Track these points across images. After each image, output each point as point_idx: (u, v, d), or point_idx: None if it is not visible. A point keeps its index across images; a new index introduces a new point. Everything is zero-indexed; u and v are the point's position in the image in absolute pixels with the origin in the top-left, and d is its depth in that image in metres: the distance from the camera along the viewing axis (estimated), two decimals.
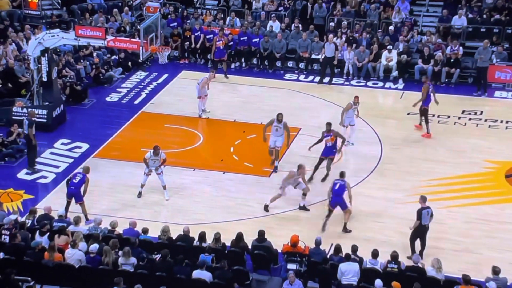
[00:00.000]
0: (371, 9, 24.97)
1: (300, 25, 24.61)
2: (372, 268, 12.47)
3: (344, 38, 23.75)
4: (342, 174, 15.03)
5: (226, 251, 13.04)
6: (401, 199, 15.99)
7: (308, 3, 25.54)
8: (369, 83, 22.87)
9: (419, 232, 13.78)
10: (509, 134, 19.14)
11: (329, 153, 16.45)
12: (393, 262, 12.53)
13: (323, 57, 22.59)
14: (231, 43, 23.93)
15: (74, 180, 15.02)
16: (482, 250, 14.15)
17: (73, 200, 14.91)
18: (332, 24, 24.64)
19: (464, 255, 13.98)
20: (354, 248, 12.89)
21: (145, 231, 13.59)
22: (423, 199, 13.90)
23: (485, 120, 20.07)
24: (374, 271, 12.39)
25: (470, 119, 20.19)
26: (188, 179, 16.96)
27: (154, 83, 22.63)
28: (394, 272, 12.37)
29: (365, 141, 18.71)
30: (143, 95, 21.71)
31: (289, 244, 13.21)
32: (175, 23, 25.12)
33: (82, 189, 15.00)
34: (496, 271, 12.19)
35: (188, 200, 16.06)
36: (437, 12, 25.34)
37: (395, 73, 22.94)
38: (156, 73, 23.45)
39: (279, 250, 13.33)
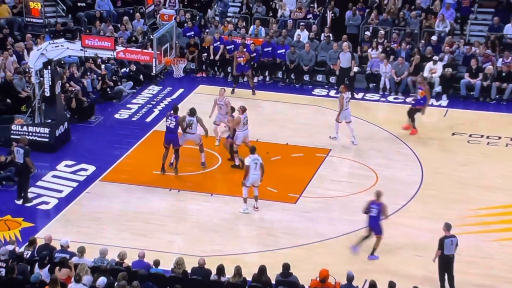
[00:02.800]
0: (411, 17, 25.09)
1: (330, 35, 24.79)
2: None
3: (380, 49, 23.87)
4: (378, 195, 15.05)
5: (247, 287, 13.07)
6: None
7: (331, 11, 25.58)
8: (409, 99, 22.87)
9: (444, 264, 13.82)
10: None
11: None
12: None
13: (338, 69, 22.75)
14: (254, 54, 24.16)
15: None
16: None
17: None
18: (367, 33, 24.79)
19: None
20: (392, 285, 12.84)
21: (156, 263, 13.70)
22: (447, 226, 13.98)
23: None
24: None
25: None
26: (205, 205, 17.10)
27: (168, 99, 22.91)
28: None
29: (404, 165, 18.72)
30: (156, 112, 21.97)
31: (318, 279, 13.21)
32: (192, 32, 25.47)
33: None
34: None
35: (205, 229, 16.18)
36: (487, 19, 25.38)
37: (438, 88, 22.96)
38: (171, 88, 23.75)
39: (307, 286, 13.33)
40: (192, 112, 18.62)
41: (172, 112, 18.23)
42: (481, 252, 15.19)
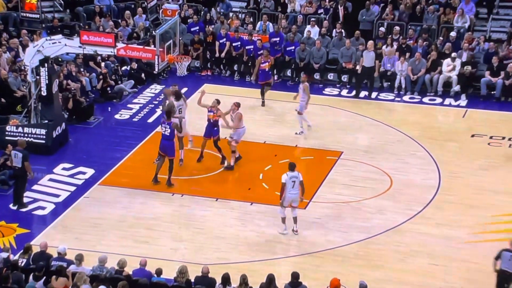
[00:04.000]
0: (429, 12, 25.11)
1: (343, 31, 24.83)
2: None
3: (395, 46, 23.90)
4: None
5: None
6: (463, 238, 15.97)
7: (343, 6, 25.62)
8: (425, 99, 22.92)
9: (500, 278, 13.69)
10: None
11: None
12: None
13: (360, 67, 22.84)
14: (262, 51, 24.22)
15: None
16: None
17: None
18: (382, 29, 24.82)
19: None
20: None
21: (158, 272, 13.76)
22: None
23: None
24: None
25: None
26: (210, 211, 17.17)
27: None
28: None
29: (420, 168, 18.74)
30: (158, 112, 22.03)
31: None
32: (197, 28, 25.56)
33: None
34: None
35: (210, 236, 16.24)
36: (509, 14, 25.34)
37: (456, 88, 22.98)
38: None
39: None
40: (178, 96, 18.73)
41: (165, 117, 18.10)
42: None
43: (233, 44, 24.67)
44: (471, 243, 15.68)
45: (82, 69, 23.07)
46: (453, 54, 23.02)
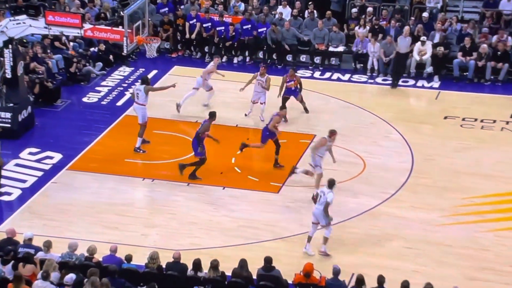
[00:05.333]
0: None
1: (315, 11, 24.77)
2: None
3: (368, 27, 23.90)
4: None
5: (226, 282, 13.10)
6: (437, 220, 16.05)
7: None
8: (398, 81, 23.02)
9: None
10: None
11: None
12: None
13: (394, 53, 22.53)
14: (234, 33, 24.11)
15: None
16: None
17: None
18: (354, 10, 24.79)
19: None
20: (381, 280, 12.93)
21: (128, 258, 13.66)
22: None
23: None
24: None
25: None
26: (181, 196, 17.08)
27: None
28: None
29: (393, 151, 18.81)
30: (127, 95, 21.86)
31: (302, 273, 13.28)
32: (166, 9, 25.32)
33: None
34: None
35: (182, 221, 16.16)
36: None
37: (429, 69, 23.06)
38: (144, 69, 23.62)
39: (290, 281, 13.39)
40: (143, 81, 18.61)
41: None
42: (475, 244, 15.31)
43: (204, 25, 24.48)
44: (445, 226, 15.82)
45: (48, 51, 22.73)
46: (422, 38, 23.02)
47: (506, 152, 18.82)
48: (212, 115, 17.75)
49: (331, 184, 14.92)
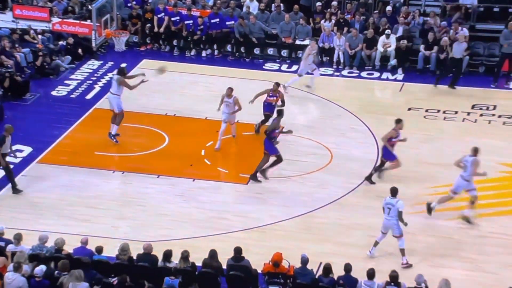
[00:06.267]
0: None
1: (282, 5, 24.72)
2: None
3: (333, 21, 23.92)
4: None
5: (196, 273, 13.05)
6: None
7: None
8: (364, 74, 23.05)
9: None
10: None
11: None
12: (392, 284, 12.65)
13: (449, 57, 21.97)
14: (201, 26, 23.97)
15: None
16: (499, 269, 14.30)
17: None
18: (319, 4, 24.80)
19: (478, 275, 14.13)
20: (348, 268, 12.99)
21: (99, 249, 13.56)
22: None
23: (499, 116, 20.33)
24: None
25: (481, 115, 20.46)
26: (151, 188, 16.95)
27: (110, 74, 22.49)
28: None
29: (359, 142, 18.86)
30: (97, 88, 21.65)
31: (271, 263, 13.27)
32: (134, 2, 25.06)
33: None
34: None
35: (152, 213, 16.06)
36: None
37: (393, 62, 23.17)
38: (112, 63, 23.36)
39: (259, 271, 13.37)
40: (119, 71, 18.39)
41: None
42: (439, 232, 15.44)
43: (172, 19, 24.30)
44: (410, 214, 15.84)
45: (17, 45, 22.38)
46: (387, 32, 23.13)
47: (468, 142, 18.83)
48: (280, 112, 17.24)
49: (395, 192, 14.37)
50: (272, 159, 17.00)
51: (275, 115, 17.69)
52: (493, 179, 17.10)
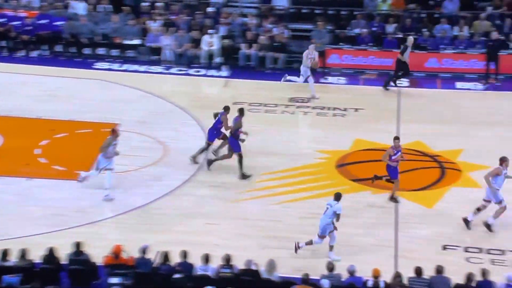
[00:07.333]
0: None
1: (109, 6, 24.22)
2: (203, 275, 12.66)
3: (160, 21, 23.78)
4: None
5: (36, 269, 12.50)
6: (234, 197, 16.32)
7: None
8: (191, 71, 23.12)
9: None
10: (337, 121, 20.22)
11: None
12: (225, 266, 12.83)
13: (403, 58, 21.56)
14: (30, 27, 22.97)
15: None
16: (319, 245, 14.71)
17: None
18: (145, 4, 24.53)
19: (302, 253, 14.55)
20: (184, 254, 12.98)
21: None
22: None
23: (313, 108, 21.11)
24: (206, 277, 12.57)
25: (298, 107, 21.15)
26: None
27: None
28: (228, 276, 12.65)
29: (191, 136, 18.84)
30: None
31: (111, 255, 13.01)
32: None
33: None
34: (329, 267, 12.89)
35: None
36: None
37: (218, 59, 23.41)
38: None
39: (100, 263, 13.05)
40: None
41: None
42: (267, 216, 15.75)
43: None
44: (241, 201, 16.15)
45: None
46: (210, 31, 23.34)
47: (288, 132, 19.57)
48: (241, 111, 17.03)
49: (339, 197, 14.13)
50: (235, 156, 16.89)
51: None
52: (311, 165, 17.74)
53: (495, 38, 22.63)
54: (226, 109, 17.25)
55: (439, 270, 12.76)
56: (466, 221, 15.09)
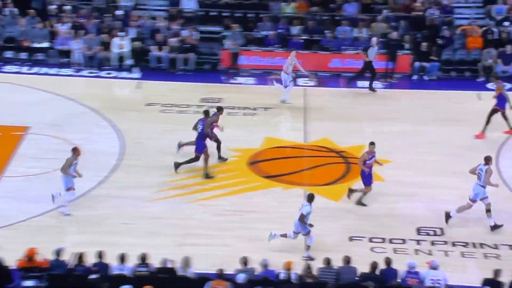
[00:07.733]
0: None
1: (16, 9, 23.55)
2: (120, 274, 12.55)
3: (69, 24, 23.31)
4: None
5: None
6: (148, 196, 16.25)
7: None
8: (103, 73, 22.80)
9: None
10: (247, 121, 20.38)
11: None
12: (141, 265, 12.78)
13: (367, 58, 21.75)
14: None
15: None
16: (233, 241, 14.93)
17: None
18: (52, 7, 23.98)
19: (217, 249, 14.65)
20: (100, 255, 12.88)
21: None
22: None
23: (224, 108, 21.25)
24: (122, 277, 12.48)
25: (209, 107, 21.21)
26: None
27: None
28: (144, 275, 12.60)
29: (104, 137, 18.66)
30: None
31: (24, 258, 12.71)
32: None
33: None
34: (244, 262, 13.05)
35: None
36: None
37: (129, 61, 23.18)
38: None
39: (13, 267, 12.72)
40: None
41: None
42: (181, 214, 15.76)
43: None
44: (155, 201, 16.08)
45: None
46: (119, 34, 23.08)
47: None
48: (220, 108, 17.48)
49: (311, 198, 14.21)
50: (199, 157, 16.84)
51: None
52: (224, 164, 17.85)
53: (394, 38, 23.45)
54: (220, 109, 17.37)
55: (347, 260, 13.18)
56: (447, 216, 15.33)
